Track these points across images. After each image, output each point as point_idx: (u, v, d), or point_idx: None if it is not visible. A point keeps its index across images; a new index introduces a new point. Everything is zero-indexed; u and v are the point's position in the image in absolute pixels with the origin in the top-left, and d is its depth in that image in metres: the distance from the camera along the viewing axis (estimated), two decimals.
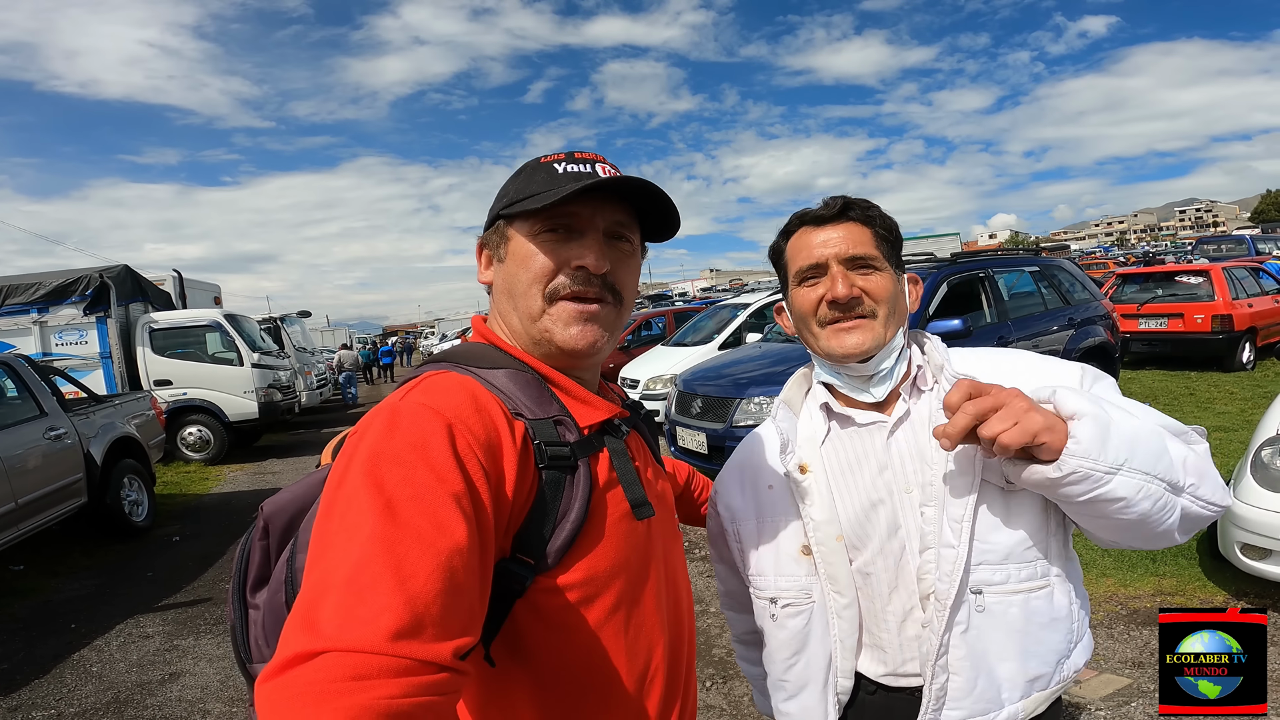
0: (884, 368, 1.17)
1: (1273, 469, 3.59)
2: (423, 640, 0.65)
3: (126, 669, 4.30)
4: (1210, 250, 21.71)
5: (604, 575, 0.91)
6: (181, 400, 10.84)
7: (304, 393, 14.77)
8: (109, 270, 10.46)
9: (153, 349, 10.77)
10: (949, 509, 1.10)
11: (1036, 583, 1.12)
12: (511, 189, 0.99)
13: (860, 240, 1.17)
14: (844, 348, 1.14)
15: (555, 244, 0.95)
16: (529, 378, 0.95)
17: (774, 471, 1.25)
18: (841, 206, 1.19)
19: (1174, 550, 4.44)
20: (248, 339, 11.49)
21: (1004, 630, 1.10)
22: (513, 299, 0.98)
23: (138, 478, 7.33)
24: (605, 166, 0.99)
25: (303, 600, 0.67)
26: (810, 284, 1.18)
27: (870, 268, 1.16)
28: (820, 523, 1.18)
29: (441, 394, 0.85)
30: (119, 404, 7.62)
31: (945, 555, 1.10)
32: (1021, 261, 8.27)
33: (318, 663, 0.61)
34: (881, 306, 1.15)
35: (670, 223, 1.03)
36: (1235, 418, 7.77)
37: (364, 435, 0.80)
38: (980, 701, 1.11)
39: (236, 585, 0.96)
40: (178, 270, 12.77)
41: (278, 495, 0.97)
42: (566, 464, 0.89)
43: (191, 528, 7.43)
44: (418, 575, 0.67)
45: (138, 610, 5.20)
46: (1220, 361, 10.73)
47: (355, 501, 0.73)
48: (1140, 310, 11.38)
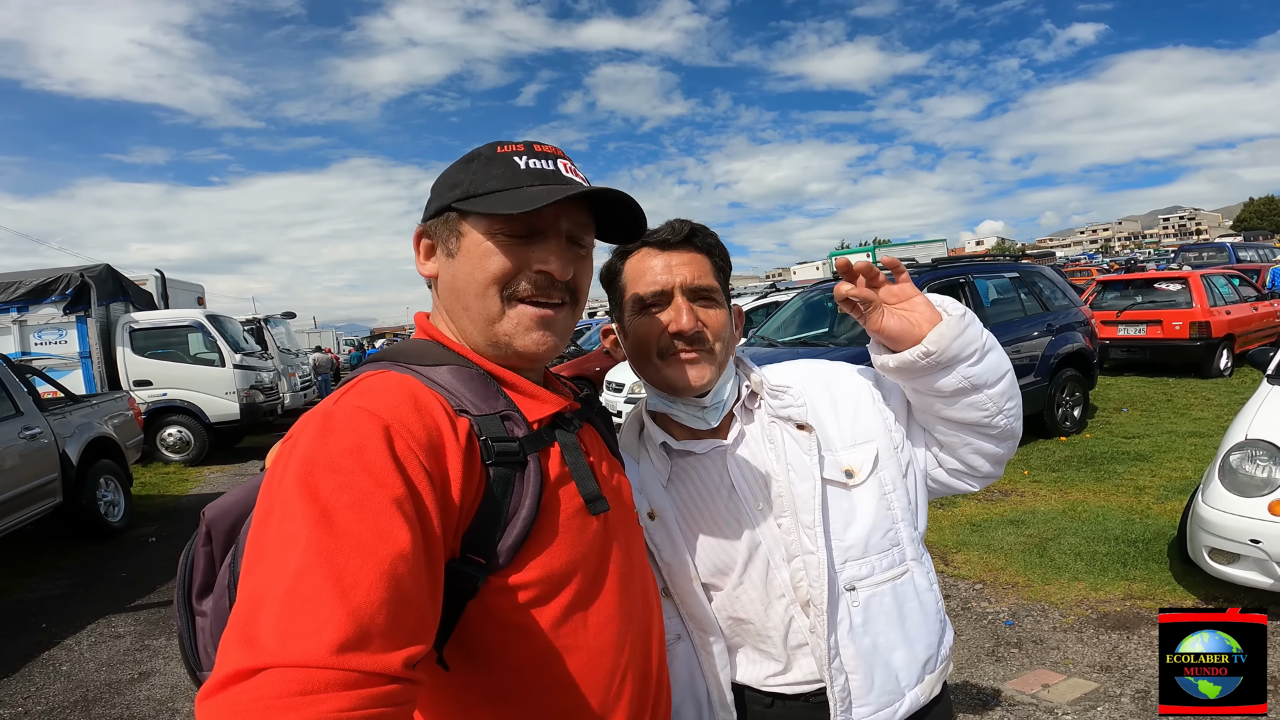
0: (721, 399, 1.19)
1: (1240, 474, 3.63)
2: (370, 651, 0.62)
3: (96, 668, 4.28)
4: (1192, 258, 21.93)
5: (559, 573, 0.87)
6: (161, 401, 10.75)
7: (287, 394, 14.67)
8: (90, 270, 10.38)
9: (133, 349, 10.68)
10: (800, 516, 1.14)
11: (898, 569, 1.19)
12: (465, 179, 0.93)
13: (703, 271, 1.17)
14: (691, 379, 1.14)
15: (516, 245, 0.91)
16: (473, 373, 0.91)
17: None
18: (689, 232, 1.17)
19: (1146, 555, 4.50)
20: (230, 340, 11.41)
21: (884, 620, 1.16)
22: (463, 298, 0.93)
23: (114, 478, 7.27)
24: (566, 164, 0.95)
25: (239, 614, 0.64)
26: (651, 312, 1.16)
27: (711, 300, 1.16)
28: (673, 567, 1.18)
29: (378, 395, 0.81)
30: (96, 404, 7.57)
31: (809, 562, 1.13)
32: (1001, 268, 8.34)
33: (261, 679, 0.58)
34: (718, 342, 1.16)
35: (638, 227, 1.02)
36: (1211, 424, 7.88)
37: (298, 441, 0.77)
38: (883, 694, 1.14)
39: (181, 592, 0.93)
40: (160, 270, 12.67)
41: (219, 500, 0.94)
42: (515, 460, 0.86)
43: (168, 529, 7.37)
44: (359, 585, 0.65)
45: (110, 610, 5.17)
46: (1198, 368, 10.85)
47: (290, 511, 0.69)
48: (1119, 317, 11.49)
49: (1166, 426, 7.94)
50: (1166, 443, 7.19)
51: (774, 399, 1.20)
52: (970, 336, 1.12)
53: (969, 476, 1.27)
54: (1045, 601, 4.09)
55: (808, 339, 7.33)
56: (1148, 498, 5.62)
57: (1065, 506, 5.60)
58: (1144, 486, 5.89)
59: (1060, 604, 4.04)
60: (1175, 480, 5.95)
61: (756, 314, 10.80)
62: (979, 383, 1.14)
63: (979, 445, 1.21)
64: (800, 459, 1.16)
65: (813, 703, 1.17)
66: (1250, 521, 3.44)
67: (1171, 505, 5.32)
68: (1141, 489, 5.83)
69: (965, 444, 1.22)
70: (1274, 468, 3.56)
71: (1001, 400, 1.17)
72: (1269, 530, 3.37)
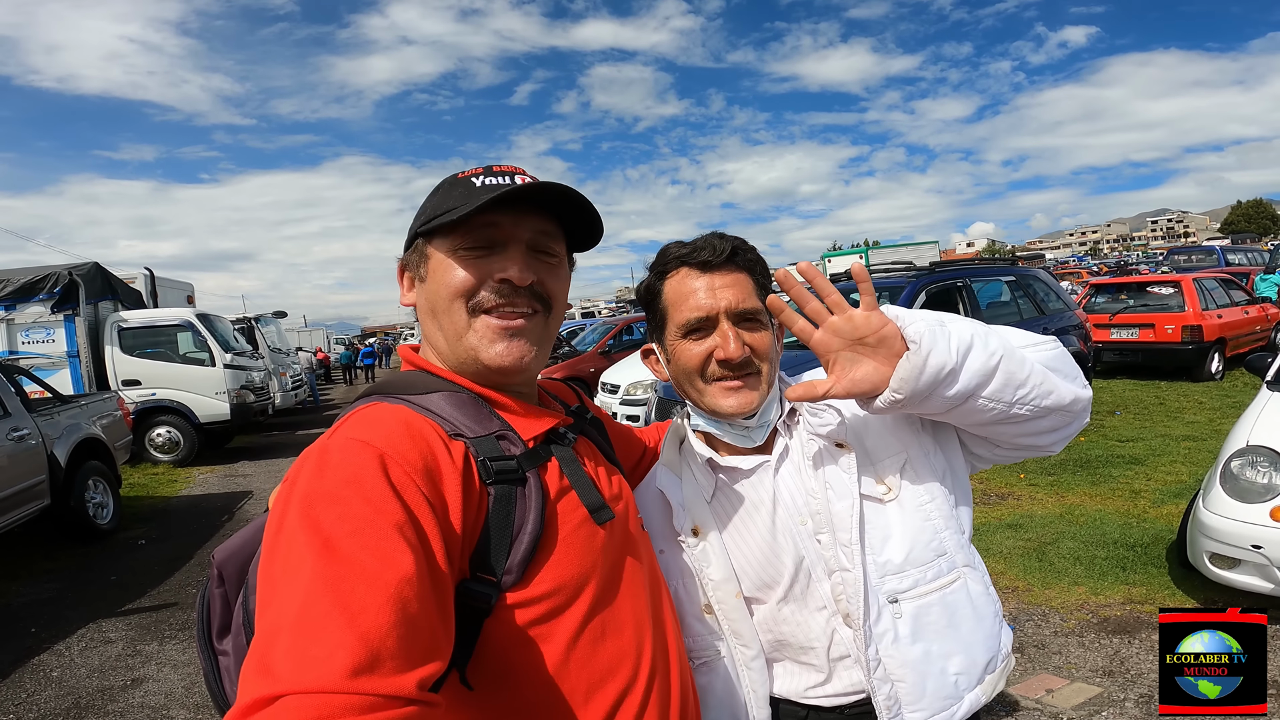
0: (767, 419, 1.19)
1: (1242, 480, 3.63)
2: (382, 674, 0.63)
3: (88, 674, 4.21)
4: (1181, 261, 22.10)
5: (572, 584, 0.89)
6: (150, 401, 10.64)
7: (278, 394, 14.58)
8: (78, 268, 10.25)
9: (121, 348, 10.57)
10: (838, 534, 1.13)
11: (946, 578, 1.16)
12: (429, 206, 0.97)
13: (746, 292, 1.15)
14: (732, 408, 1.14)
15: (476, 259, 0.93)
16: (465, 397, 0.93)
17: (666, 536, 1.22)
18: (730, 252, 1.15)
19: (1145, 559, 4.50)
20: (220, 339, 11.32)
21: (935, 629, 1.14)
22: (436, 318, 0.96)
23: (103, 479, 7.19)
24: (525, 177, 0.96)
25: (256, 646, 0.66)
26: (696, 337, 1.15)
27: (756, 322, 1.15)
28: (719, 582, 1.17)
29: (371, 426, 0.83)
30: (85, 404, 7.48)
31: (846, 578, 1.13)
32: (997, 271, 8.38)
33: (278, 707, 0.59)
34: (765, 363, 1.16)
35: (593, 230, 1.02)
36: (1204, 427, 7.92)
37: (297, 478, 0.79)
38: (938, 699, 1.13)
39: (201, 634, 0.96)
40: (149, 268, 12.56)
41: (227, 543, 0.96)
42: (514, 477, 0.88)
43: (158, 530, 7.30)
44: (367, 610, 0.66)
45: (100, 614, 5.10)
46: (1190, 371, 10.91)
47: (294, 545, 0.71)
48: (1112, 320, 11.54)
49: (1160, 430, 7.97)
50: (1161, 446, 7.22)
51: (813, 416, 1.19)
52: (937, 362, 1.00)
53: (1035, 450, 1.19)
54: (1046, 606, 4.08)
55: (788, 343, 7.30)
56: (1144, 501, 5.63)
57: (1062, 510, 5.60)
58: (1140, 490, 5.90)
59: (1061, 608, 4.03)
60: (1171, 484, 5.97)
61: None
62: (968, 394, 1.04)
63: (1018, 430, 1.12)
64: (838, 477, 1.15)
65: (850, 714, 1.18)
66: (1252, 527, 3.44)
67: (1168, 509, 5.33)
68: (1137, 493, 5.85)
69: (1003, 434, 1.15)
70: (1275, 474, 3.56)
71: (1007, 394, 1.05)
72: (1271, 536, 3.37)
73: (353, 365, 32.65)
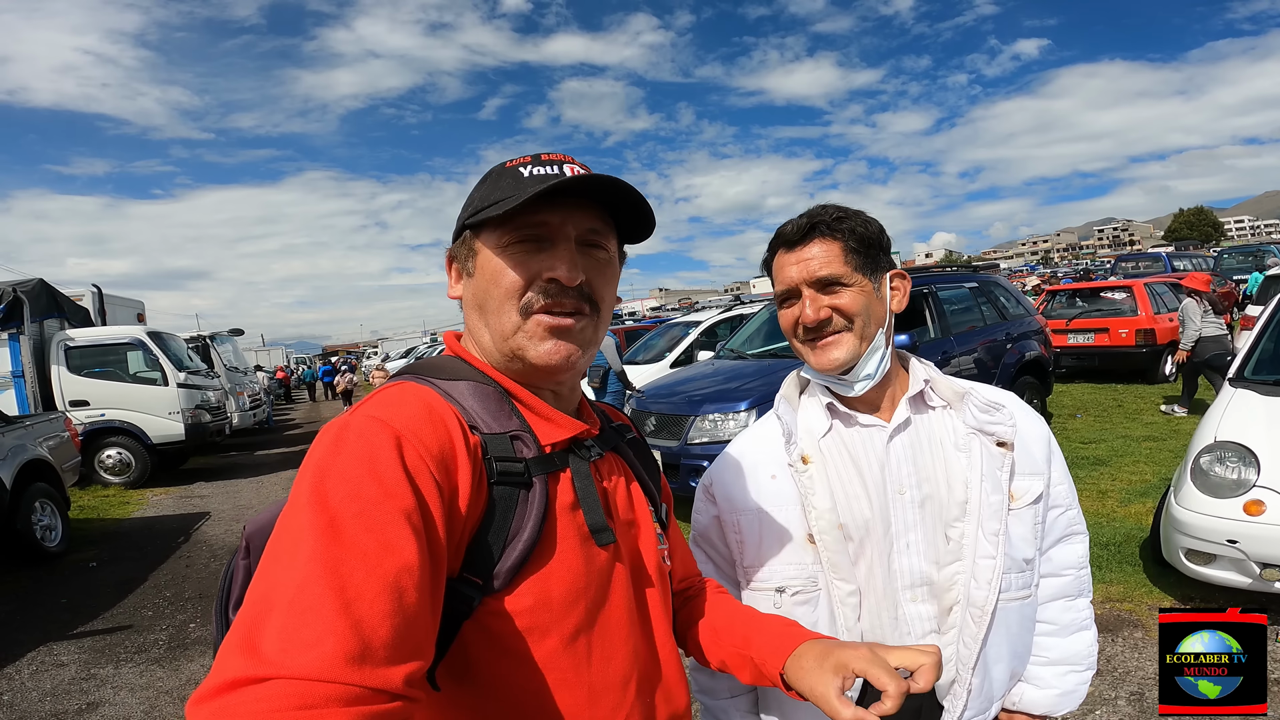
0: (866, 372, 1.23)
1: (1212, 475, 3.68)
2: (372, 666, 0.62)
3: (39, 698, 4.03)
4: (1129, 268, 22.76)
5: (559, 602, 0.85)
6: (100, 422, 10.27)
7: (236, 414, 14.19)
8: (22, 285, 9.87)
9: (68, 368, 10.22)
10: (985, 523, 1.18)
11: (1026, 591, 1.25)
12: (476, 197, 0.94)
13: (829, 259, 1.21)
14: (823, 364, 1.22)
15: (524, 255, 0.90)
16: (490, 391, 0.90)
17: (776, 462, 1.28)
18: (807, 228, 1.22)
19: (1119, 558, 4.55)
20: (173, 358, 11.00)
21: (1002, 634, 1.21)
22: (484, 315, 0.93)
23: (50, 501, 6.95)
24: (574, 167, 0.93)
25: (242, 620, 0.63)
26: (788, 305, 1.26)
27: (838, 285, 1.21)
28: (823, 511, 1.22)
29: (394, 406, 0.81)
30: (30, 425, 7.22)
31: (983, 566, 1.18)
32: (961, 278, 8.49)
33: (260, 689, 0.57)
34: (855, 319, 1.21)
35: (645, 222, 0.98)
36: (1163, 427, 8.12)
37: (314, 452, 0.77)
38: (980, 699, 1.20)
39: (220, 603, 0.96)
40: (97, 285, 12.16)
41: (259, 515, 0.95)
42: (519, 481, 0.85)
43: (110, 553, 7.04)
44: (363, 597, 0.64)
45: (51, 638, 4.89)
46: (1144, 374, 11.19)
47: (299, 520, 0.69)
48: (1069, 325, 11.80)
49: (1120, 431, 8.14)
50: (1123, 447, 7.36)
51: (984, 413, 1.24)
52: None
53: None
54: None
55: (776, 351, 7.33)
56: (1111, 501, 5.71)
57: None
58: (1106, 490, 5.99)
59: None
60: (1136, 483, 6.08)
61: (721, 328, 10.81)
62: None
63: None
64: (994, 473, 1.20)
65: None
66: (1226, 522, 3.49)
67: (1135, 508, 5.42)
68: (1104, 493, 5.93)
69: None
70: (1244, 469, 3.63)
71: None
72: (1245, 530, 3.42)
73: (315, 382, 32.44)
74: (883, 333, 1.24)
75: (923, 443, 1.24)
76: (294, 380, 34.59)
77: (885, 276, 1.26)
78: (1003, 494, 1.19)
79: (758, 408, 5.72)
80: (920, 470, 1.22)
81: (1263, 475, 3.55)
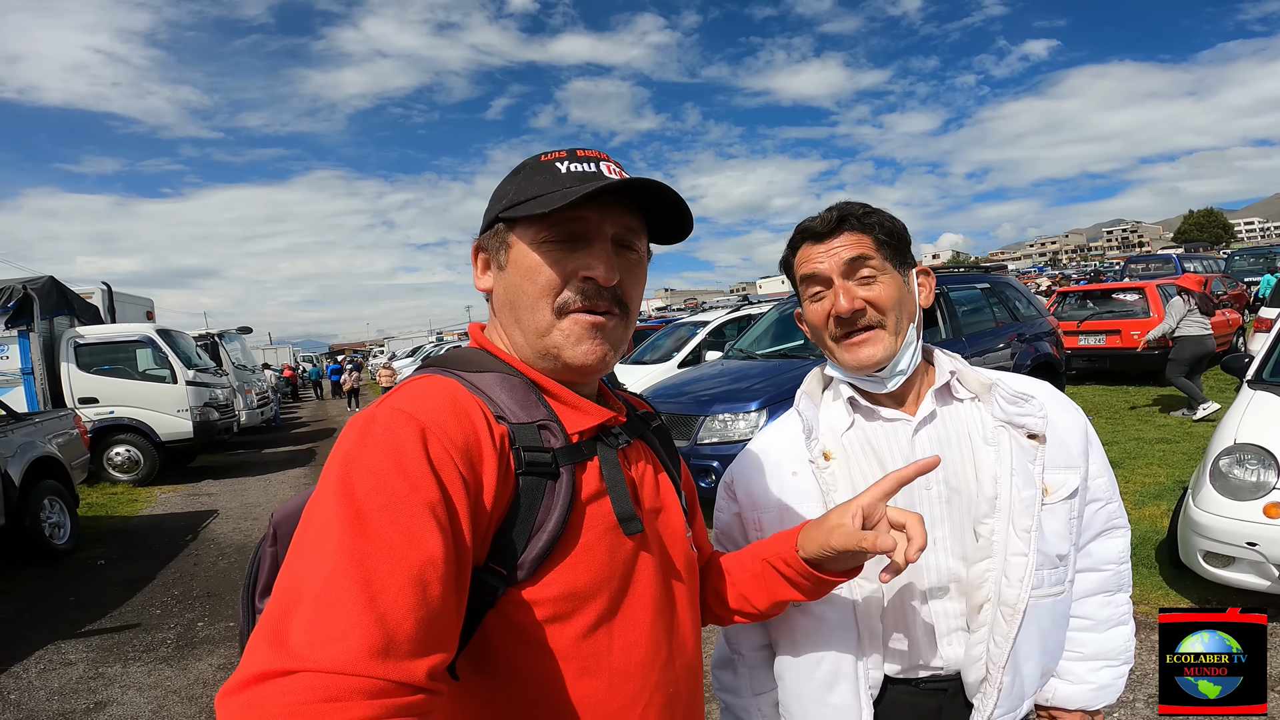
0: (900, 369, 1.20)
1: (1231, 478, 3.64)
2: (396, 659, 0.62)
3: (47, 697, 4.02)
4: (1139, 269, 22.62)
5: (583, 591, 0.85)
6: (109, 419, 10.31)
7: (243, 412, 14.24)
8: (33, 282, 9.91)
9: (78, 365, 10.25)
10: (1016, 519, 1.15)
11: (1059, 587, 1.21)
12: (511, 190, 0.93)
13: (863, 249, 1.18)
14: (858, 361, 1.18)
15: (561, 253, 0.90)
16: (517, 381, 0.90)
17: (798, 458, 1.26)
18: (837, 220, 1.19)
19: (1134, 560, 4.47)
20: (182, 355, 11.04)
21: (1034, 631, 1.18)
22: (515, 311, 0.93)
23: (59, 499, 6.98)
24: (610, 165, 0.93)
25: (270, 613, 0.64)
26: (816, 297, 1.22)
27: (872, 276, 1.18)
28: None
29: (419, 398, 0.82)
30: (39, 422, 7.24)
31: (1015, 563, 1.14)
32: (973, 279, 8.45)
33: (287, 682, 0.58)
34: (889, 315, 1.18)
35: (684, 225, 0.98)
36: (1176, 429, 8.05)
37: (341, 444, 0.78)
38: (1010, 697, 1.17)
39: (246, 591, 0.96)
40: (106, 283, 12.22)
41: (287, 503, 0.96)
42: (547, 470, 0.85)
43: (118, 551, 7.05)
44: (388, 590, 0.65)
45: (59, 636, 4.89)
46: (1156, 376, 11.08)
47: (326, 512, 0.70)
48: (1080, 327, 11.72)
49: (1133, 434, 8.07)
50: (1135, 449, 7.29)
51: (1012, 405, 1.20)
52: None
53: None
54: None
55: (786, 351, 7.30)
56: (1125, 504, 5.62)
57: None
58: (1120, 493, 5.92)
59: None
60: (1149, 486, 6.02)
61: (729, 328, 10.78)
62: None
63: None
64: (1025, 466, 1.17)
65: (927, 688, 1.20)
66: (1246, 524, 3.44)
67: (1149, 510, 5.36)
68: None
69: None
70: (1264, 471, 3.58)
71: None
72: (1265, 533, 3.38)
73: (320, 381, 32.65)
74: (914, 327, 1.22)
75: (950, 436, 1.21)
76: (300, 379, 34.80)
77: (911, 272, 1.24)
78: (1035, 488, 1.16)
79: (767, 408, 5.69)
80: (947, 464, 1.19)
81: None
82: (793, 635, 1.24)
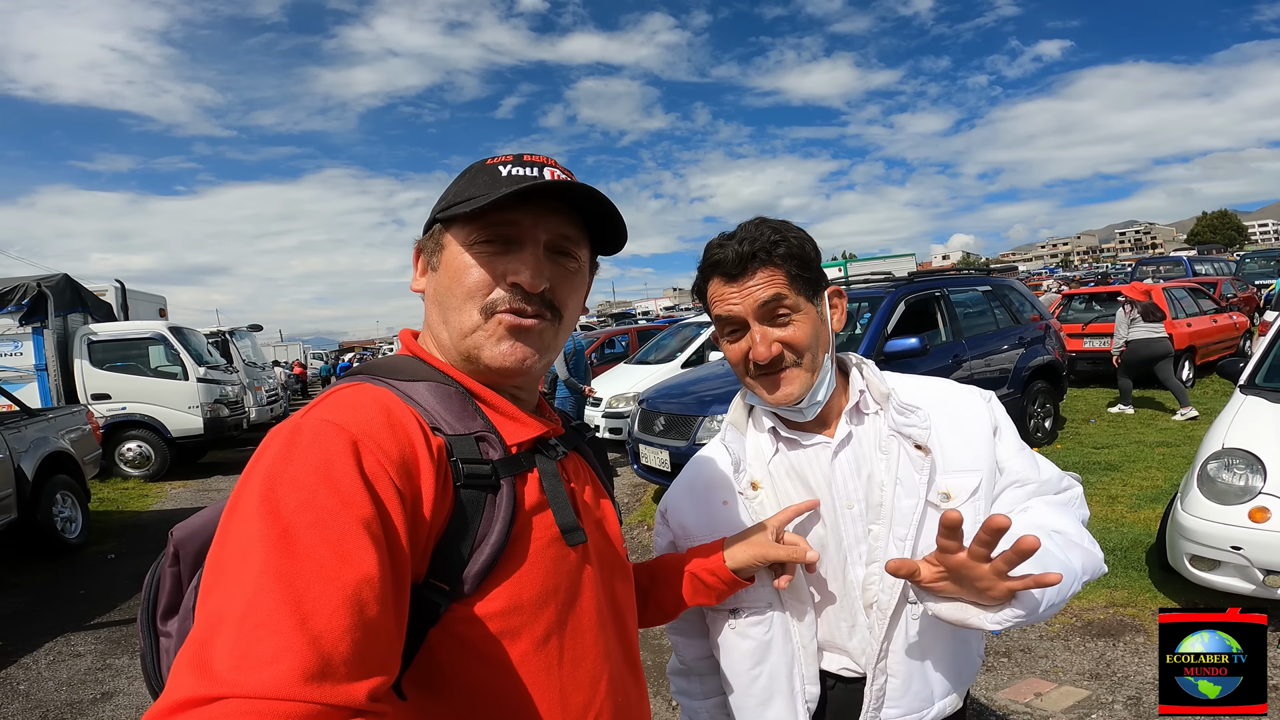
0: (816, 400, 1.21)
1: (1219, 482, 3.68)
2: (332, 682, 0.58)
3: (55, 687, 4.13)
4: (1150, 271, 22.49)
5: (530, 604, 0.83)
6: (121, 415, 10.44)
7: (254, 408, 14.36)
8: (47, 279, 10.04)
9: (91, 362, 10.37)
10: (895, 528, 1.18)
11: None
12: (451, 192, 0.92)
13: (777, 288, 1.16)
14: (775, 400, 1.20)
15: (491, 256, 0.88)
16: (452, 391, 0.87)
17: (727, 488, 1.29)
18: (748, 257, 1.16)
19: (1125, 563, 4.53)
20: (194, 352, 11.13)
21: (936, 637, 1.20)
22: (444, 312, 0.91)
23: (71, 494, 7.06)
24: (555, 171, 0.91)
25: (194, 637, 0.60)
26: (734, 338, 1.21)
27: (787, 316, 1.17)
28: None
29: (349, 409, 0.77)
30: (53, 418, 7.31)
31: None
32: (975, 281, 8.46)
33: (214, 709, 0.54)
34: (805, 354, 1.18)
35: (617, 234, 0.97)
36: (1177, 433, 8.06)
37: (261, 456, 0.73)
38: (916, 700, 1.21)
39: (146, 612, 0.90)
40: (120, 281, 12.34)
41: (189, 520, 0.89)
42: (487, 483, 0.82)
43: (128, 545, 7.16)
44: (320, 611, 0.61)
45: (68, 628, 5.00)
46: (1153, 379, 11.04)
47: (247, 530, 0.65)
48: (1085, 329, 11.70)
49: (1134, 437, 8.08)
50: (1135, 452, 7.31)
51: (900, 415, 1.22)
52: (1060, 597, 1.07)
53: None
54: None
55: None
56: (1121, 507, 5.69)
57: None
58: (1116, 496, 5.96)
59: None
60: (1147, 489, 6.04)
61: None
62: None
63: None
64: (910, 476, 1.18)
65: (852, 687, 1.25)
66: (1231, 529, 3.48)
67: (1145, 514, 5.39)
68: (1114, 498, 5.90)
69: None
70: (1251, 476, 3.62)
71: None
72: (1250, 537, 3.42)
73: (330, 378, 32.89)
74: (828, 357, 1.23)
75: (864, 453, 1.22)
76: (310, 376, 35.03)
77: (824, 296, 1.23)
78: (917, 498, 1.17)
79: None
80: (864, 482, 1.21)
81: (1269, 483, 3.54)
82: (730, 654, 1.27)
